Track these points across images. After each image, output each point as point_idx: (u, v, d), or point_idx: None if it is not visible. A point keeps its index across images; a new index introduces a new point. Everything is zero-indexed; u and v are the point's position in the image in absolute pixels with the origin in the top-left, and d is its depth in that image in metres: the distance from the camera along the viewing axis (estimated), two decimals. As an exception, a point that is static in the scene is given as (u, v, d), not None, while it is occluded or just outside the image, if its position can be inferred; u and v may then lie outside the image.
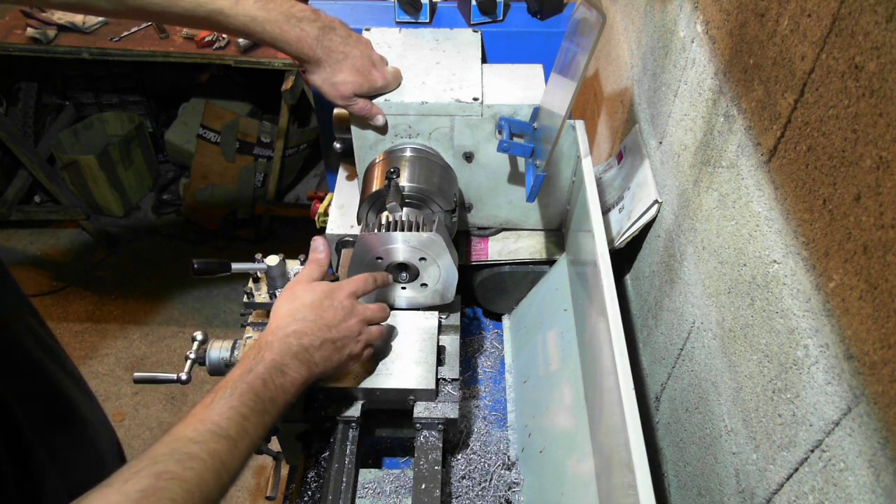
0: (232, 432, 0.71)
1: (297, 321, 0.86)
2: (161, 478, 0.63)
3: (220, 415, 0.72)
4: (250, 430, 0.74)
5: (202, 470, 0.66)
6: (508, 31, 1.35)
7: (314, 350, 0.85)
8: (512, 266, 1.28)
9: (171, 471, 0.64)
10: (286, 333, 0.84)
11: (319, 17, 0.99)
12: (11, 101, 3.04)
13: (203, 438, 0.69)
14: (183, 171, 3.40)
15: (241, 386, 0.76)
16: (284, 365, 0.81)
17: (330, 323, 0.88)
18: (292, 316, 0.86)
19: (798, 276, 0.63)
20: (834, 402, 0.57)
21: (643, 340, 1.14)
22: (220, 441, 0.69)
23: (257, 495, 2.33)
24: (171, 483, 0.63)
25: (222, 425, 0.71)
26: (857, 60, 0.54)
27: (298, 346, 0.84)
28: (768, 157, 0.70)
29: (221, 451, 0.69)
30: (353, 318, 0.91)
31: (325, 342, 0.87)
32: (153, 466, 0.63)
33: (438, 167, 1.12)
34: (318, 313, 0.87)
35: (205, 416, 0.71)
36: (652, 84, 1.11)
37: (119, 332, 2.85)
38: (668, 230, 1.01)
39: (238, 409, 0.73)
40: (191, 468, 0.65)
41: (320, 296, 0.89)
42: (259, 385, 0.77)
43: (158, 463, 0.64)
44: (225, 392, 0.75)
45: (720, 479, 0.81)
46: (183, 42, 2.44)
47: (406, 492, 1.07)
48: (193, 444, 0.68)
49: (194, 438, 0.68)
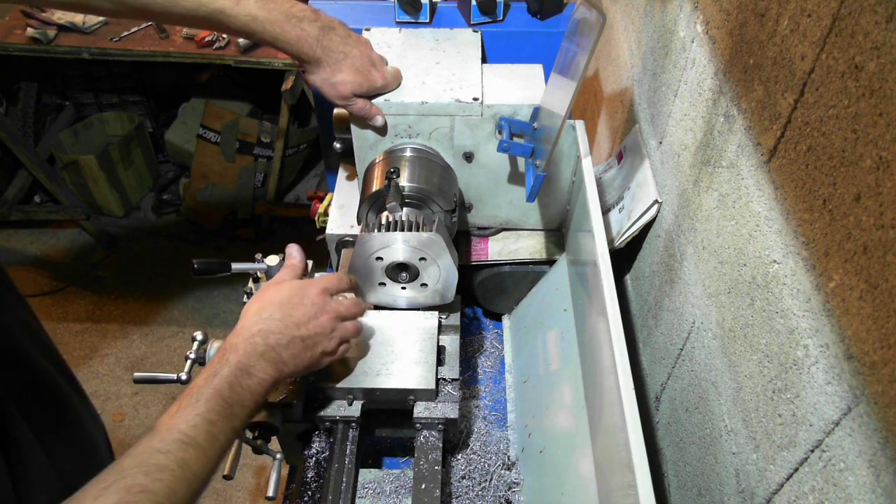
0: (200, 440, 0.70)
1: (264, 320, 0.84)
2: (130, 491, 0.62)
3: (187, 423, 0.71)
4: (218, 435, 0.73)
5: (171, 480, 0.65)
6: (508, 31, 1.35)
7: (282, 349, 0.84)
8: (512, 266, 1.28)
9: (140, 483, 0.63)
10: (252, 333, 0.83)
11: (319, 16, 0.99)
12: (11, 101, 3.04)
13: (170, 448, 0.68)
14: (183, 171, 3.40)
15: (206, 391, 0.74)
16: (251, 366, 0.80)
17: (299, 320, 0.86)
18: (258, 315, 0.85)
19: (798, 276, 0.63)
20: (834, 402, 0.57)
21: (643, 340, 1.14)
22: (188, 450, 0.68)
23: (257, 495, 2.33)
24: (141, 496, 0.62)
25: (189, 434, 0.70)
26: (857, 60, 0.54)
27: (265, 346, 0.82)
28: (768, 157, 0.70)
29: (190, 460, 0.68)
30: (324, 314, 0.89)
31: (294, 340, 0.85)
32: (122, 481, 0.63)
33: (438, 167, 1.12)
34: (287, 311, 0.86)
35: (171, 426, 0.70)
36: (652, 84, 1.11)
37: (119, 332, 2.85)
38: (668, 230, 1.01)
39: (205, 415, 0.72)
40: (160, 479, 0.64)
41: (289, 293, 0.88)
42: (225, 388, 0.76)
43: (127, 477, 0.63)
44: (190, 399, 0.73)
45: (720, 479, 0.81)
46: (183, 42, 2.44)
47: (406, 492, 1.07)
48: (161, 455, 0.67)
49: (161, 449, 0.67)
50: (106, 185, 3.15)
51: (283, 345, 0.84)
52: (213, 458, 0.72)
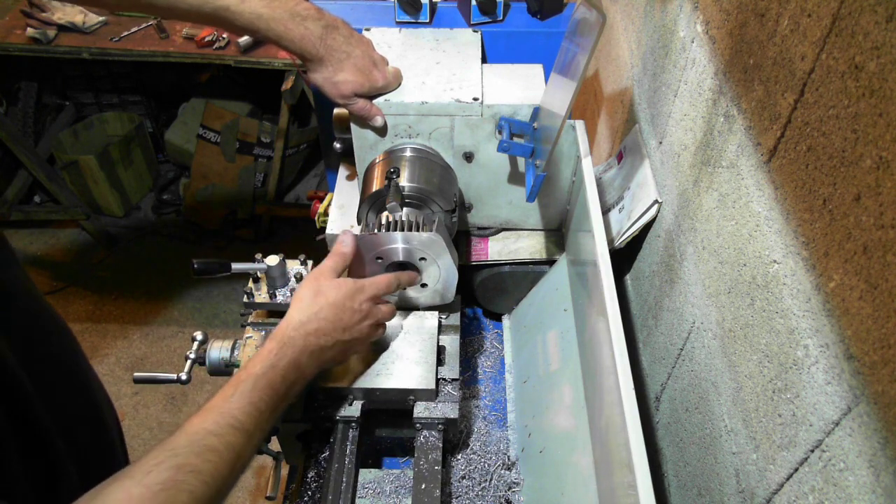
0: (249, 426, 0.74)
1: (320, 320, 0.87)
2: (181, 470, 0.65)
3: (240, 409, 0.74)
4: (264, 424, 0.77)
5: (219, 462, 0.68)
6: (508, 31, 1.35)
7: (328, 349, 0.88)
8: (512, 266, 1.28)
9: (191, 463, 0.66)
10: (307, 332, 0.86)
11: (323, 15, 1.00)
12: (11, 101, 3.04)
13: (222, 431, 0.71)
14: (183, 171, 3.40)
15: (261, 381, 0.78)
16: (301, 363, 0.84)
17: (346, 325, 0.89)
18: (316, 313, 0.88)
19: (798, 276, 0.63)
20: (834, 402, 0.57)
21: (643, 340, 1.14)
22: (237, 435, 0.72)
23: (257, 495, 2.33)
24: (190, 476, 0.65)
25: (241, 419, 0.73)
26: (857, 60, 0.54)
27: (316, 346, 0.86)
28: (768, 157, 0.70)
29: (238, 445, 0.71)
30: (367, 320, 0.92)
31: (338, 343, 0.89)
32: (173, 459, 0.65)
33: (438, 167, 1.12)
34: (338, 314, 0.89)
35: (224, 409, 0.73)
36: (652, 84, 1.11)
37: (119, 332, 2.85)
38: (668, 230, 1.01)
39: (257, 404, 0.76)
40: (209, 460, 0.67)
41: (343, 296, 0.90)
42: (278, 381, 0.80)
43: (178, 455, 0.66)
44: (246, 385, 0.77)
45: (720, 479, 0.81)
46: (183, 42, 2.44)
47: (406, 492, 1.07)
48: (212, 437, 0.70)
49: (213, 431, 0.70)
50: (106, 185, 3.15)
51: (328, 346, 0.88)
52: (257, 444, 0.76)
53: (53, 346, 1.09)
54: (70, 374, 1.11)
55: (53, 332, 1.10)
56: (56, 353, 1.09)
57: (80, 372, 1.15)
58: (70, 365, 1.12)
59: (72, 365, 1.13)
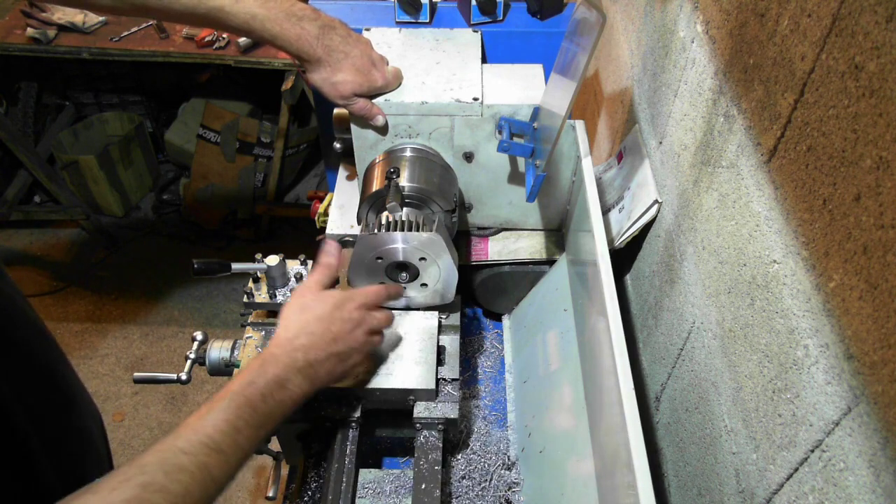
0: (224, 446, 0.70)
1: (306, 334, 0.85)
2: (147, 489, 0.62)
3: (215, 427, 0.71)
4: (243, 443, 0.73)
5: (189, 482, 0.65)
6: (508, 31, 1.35)
7: (319, 365, 0.84)
8: (512, 266, 1.28)
9: (158, 482, 0.63)
10: (293, 348, 0.83)
11: (320, 16, 0.99)
12: (11, 101, 3.04)
13: (194, 450, 0.68)
14: (183, 171, 3.40)
15: (238, 398, 0.75)
16: (287, 380, 0.80)
17: (337, 336, 0.87)
18: (302, 329, 0.85)
19: (798, 276, 0.63)
20: (834, 402, 0.57)
21: (643, 340, 1.14)
22: (211, 454, 0.68)
23: (257, 495, 2.33)
24: (157, 495, 0.62)
25: (215, 438, 0.70)
26: (857, 60, 0.54)
27: (304, 362, 0.83)
28: (768, 157, 0.70)
29: (211, 465, 0.68)
30: (359, 328, 0.90)
31: (331, 356, 0.86)
32: (140, 476, 0.63)
33: (438, 167, 1.12)
34: (327, 326, 0.87)
35: (198, 427, 0.70)
36: (652, 84, 1.11)
37: (119, 332, 2.85)
38: (668, 230, 1.01)
39: (233, 422, 0.72)
40: (178, 480, 0.64)
41: (330, 307, 0.88)
42: (258, 399, 0.76)
43: (146, 473, 0.63)
44: (222, 403, 0.73)
45: (720, 479, 0.81)
46: (183, 42, 2.44)
47: (406, 492, 1.07)
48: (183, 455, 0.67)
49: (185, 449, 0.67)
50: (106, 185, 3.15)
51: (320, 360, 0.85)
52: (235, 465, 0.72)
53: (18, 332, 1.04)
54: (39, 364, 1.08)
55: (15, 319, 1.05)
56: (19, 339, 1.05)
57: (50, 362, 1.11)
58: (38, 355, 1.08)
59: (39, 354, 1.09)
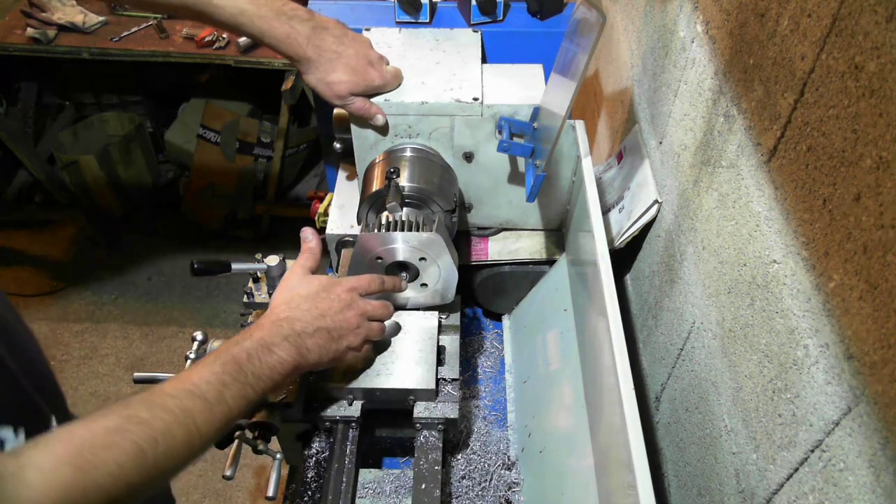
0: (209, 395, 0.72)
1: (291, 309, 0.86)
2: (130, 420, 0.64)
3: (200, 377, 0.73)
4: (228, 398, 0.74)
5: (171, 422, 0.67)
6: (508, 31, 1.35)
7: (306, 336, 0.85)
8: (512, 266, 1.28)
9: (140, 416, 0.65)
10: (278, 318, 0.85)
11: (314, 17, 0.99)
12: (11, 101, 3.04)
13: (178, 395, 0.70)
14: (183, 171, 3.40)
15: (224, 355, 0.77)
16: (273, 344, 0.81)
17: (324, 312, 0.88)
18: (286, 304, 0.87)
19: (798, 276, 0.63)
20: (834, 402, 0.57)
21: (643, 340, 1.14)
22: (195, 400, 0.70)
23: (257, 495, 2.33)
24: (138, 427, 0.64)
25: (201, 387, 0.72)
26: (857, 60, 0.54)
27: (290, 331, 0.84)
28: (768, 157, 0.70)
29: (195, 410, 0.70)
30: (351, 310, 0.90)
31: (320, 330, 0.86)
32: (125, 410, 0.65)
33: (438, 167, 1.12)
34: (313, 303, 0.88)
35: (184, 377, 0.73)
36: (652, 84, 1.11)
37: (119, 332, 2.84)
38: (668, 230, 1.01)
39: (219, 375, 0.74)
40: (160, 418, 0.66)
41: (317, 288, 0.90)
42: (243, 357, 0.78)
43: (130, 407, 0.66)
44: (208, 360, 0.76)
45: (720, 479, 0.81)
46: (183, 42, 2.44)
47: (406, 492, 1.07)
48: (168, 398, 0.69)
49: (170, 393, 0.69)
50: (106, 185, 3.15)
51: (308, 333, 0.85)
52: (219, 418, 0.73)
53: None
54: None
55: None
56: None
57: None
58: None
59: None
